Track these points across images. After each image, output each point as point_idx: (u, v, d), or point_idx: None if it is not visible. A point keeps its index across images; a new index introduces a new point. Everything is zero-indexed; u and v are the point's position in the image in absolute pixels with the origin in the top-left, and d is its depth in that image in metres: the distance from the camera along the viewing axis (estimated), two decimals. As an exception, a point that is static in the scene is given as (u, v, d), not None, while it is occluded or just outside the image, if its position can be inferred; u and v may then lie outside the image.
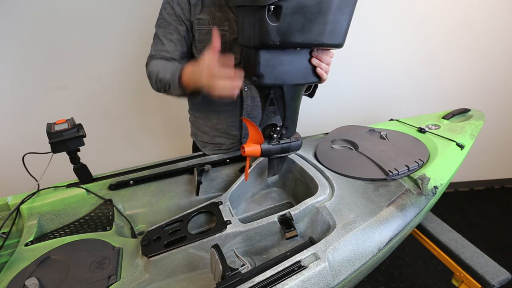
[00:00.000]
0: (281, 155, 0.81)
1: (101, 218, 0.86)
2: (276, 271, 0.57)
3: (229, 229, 0.72)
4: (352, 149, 1.02)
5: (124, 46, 1.45)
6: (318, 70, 0.71)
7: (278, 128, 0.77)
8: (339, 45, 0.68)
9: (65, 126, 0.81)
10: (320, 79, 0.73)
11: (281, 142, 0.78)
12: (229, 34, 0.88)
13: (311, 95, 0.97)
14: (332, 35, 0.66)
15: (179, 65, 0.83)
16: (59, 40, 1.37)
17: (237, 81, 0.69)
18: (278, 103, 0.76)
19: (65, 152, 0.82)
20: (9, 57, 1.35)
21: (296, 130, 0.86)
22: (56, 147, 0.79)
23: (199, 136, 1.08)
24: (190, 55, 0.95)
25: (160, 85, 0.86)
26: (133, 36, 1.43)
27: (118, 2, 1.35)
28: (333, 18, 0.63)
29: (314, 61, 0.69)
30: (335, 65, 1.69)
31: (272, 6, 0.56)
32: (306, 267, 0.58)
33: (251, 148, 0.74)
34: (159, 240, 0.71)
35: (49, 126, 0.81)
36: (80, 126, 0.83)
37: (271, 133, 0.77)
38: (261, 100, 0.77)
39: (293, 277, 0.56)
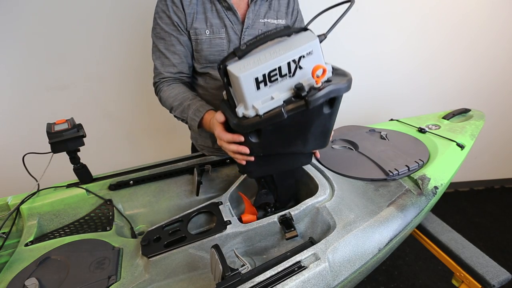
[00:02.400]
0: None
1: (101, 218, 0.86)
2: (276, 272, 0.57)
3: (229, 229, 0.72)
4: (352, 149, 1.02)
5: (124, 46, 1.45)
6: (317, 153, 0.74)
7: (271, 204, 0.83)
8: (322, 147, 0.69)
9: (65, 126, 0.81)
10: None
11: (276, 212, 0.82)
12: (227, 42, 0.86)
13: None
14: (315, 143, 0.67)
15: (196, 108, 0.81)
16: (59, 40, 1.37)
17: (243, 157, 0.67)
18: (270, 186, 0.81)
19: (65, 152, 0.82)
20: (9, 57, 1.35)
21: None
22: (56, 147, 0.79)
23: (199, 140, 1.07)
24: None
25: (176, 116, 0.88)
26: (133, 36, 1.43)
27: (118, 2, 1.35)
28: (315, 131, 0.63)
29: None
30: (335, 65, 1.69)
31: None
32: (306, 267, 0.58)
33: (248, 217, 0.79)
34: (159, 240, 0.71)
35: (49, 126, 0.81)
36: (80, 126, 0.83)
37: (266, 206, 0.83)
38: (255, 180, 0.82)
39: (293, 277, 0.56)
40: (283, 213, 0.73)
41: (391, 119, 1.31)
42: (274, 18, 0.90)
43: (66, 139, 0.79)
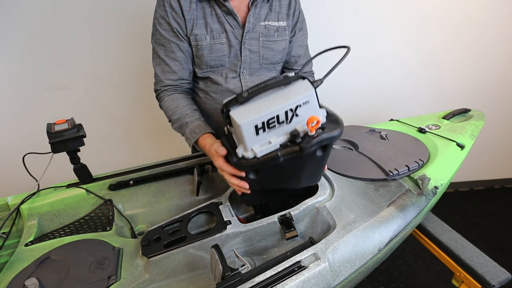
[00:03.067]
0: None
1: (101, 218, 0.86)
2: (276, 271, 0.57)
3: (229, 229, 0.72)
4: (352, 149, 1.02)
5: (124, 46, 1.45)
6: None
7: None
8: (314, 183, 0.74)
9: (65, 126, 0.81)
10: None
11: None
12: (227, 47, 0.86)
13: None
14: (308, 180, 0.71)
15: (193, 128, 0.82)
16: (59, 40, 1.37)
17: (242, 189, 0.70)
18: (265, 212, 0.85)
19: (65, 152, 0.82)
20: (9, 57, 1.35)
21: None
22: (56, 147, 0.79)
23: None
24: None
25: (174, 128, 0.89)
26: (133, 36, 1.43)
27: (118, 2, 1.35)
28: (308, 171, 0.68)
29: None
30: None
31: None
32: (306, 267, 0.58)
33: None
34: (159, 240, 0.71)
35: (49, 126, 0.81)
36: (80, 126, 0.83)
37: None
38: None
39: (293, 277, 0.56)
40: (283, 213, 0.73)
41: (391, 119, 1.31)
42: (275, 20, 0.89)
43: (66, 139, 0.79)
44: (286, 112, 0.57)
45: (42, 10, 1.30)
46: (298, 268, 0.58)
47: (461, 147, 0.99)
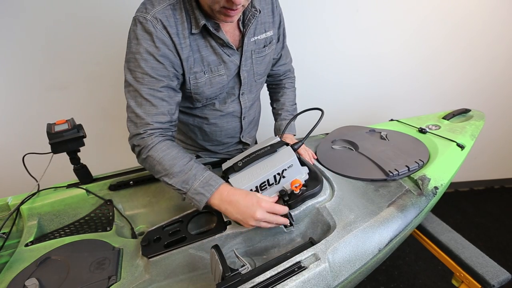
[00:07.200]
0: None
1: (101, 218, 0.86)
2: (276, 272, 0.57)
3: (229, 229, 0.72)
4: (352, 150, 1.02)
5: (124, 45, 1.45)
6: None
7: None
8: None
9: (65, 126, 0.81)
10: None
11: None
12: (227, 76, 0.81)
13: None
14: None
15: (207, 176, 0.69)
16: (59, 40, 1.37)
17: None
18: None
19: (65, 153, 0.82)
20: (9, 57, 1.35)
21: (297, 131, 0.90)
22: (56, 148, 0.80)
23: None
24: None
25: (173, 183, 0.70)
26: (133, 36, 1.43)
27: (118, 1, 1.35)
28: None
29: None
30: (335, 65, 1.68)
31: None
32: (306, 267, 0.58)
33: None
34: (159, 240, 0.71)
35: (49, 127, 0.81)
36: (80, 127, 0.83)
37: None
38: None
39: (293, 277, 0.56)
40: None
41: (391, 119, 1.31)
42: (263, 32, 0.84)
43: (67, 140, 0.79)
44: (275, 176, 0.69)
45: (42, 10, 1.30)
46: (298, 268, 0.58)
47: (461, 147, 0.99)
